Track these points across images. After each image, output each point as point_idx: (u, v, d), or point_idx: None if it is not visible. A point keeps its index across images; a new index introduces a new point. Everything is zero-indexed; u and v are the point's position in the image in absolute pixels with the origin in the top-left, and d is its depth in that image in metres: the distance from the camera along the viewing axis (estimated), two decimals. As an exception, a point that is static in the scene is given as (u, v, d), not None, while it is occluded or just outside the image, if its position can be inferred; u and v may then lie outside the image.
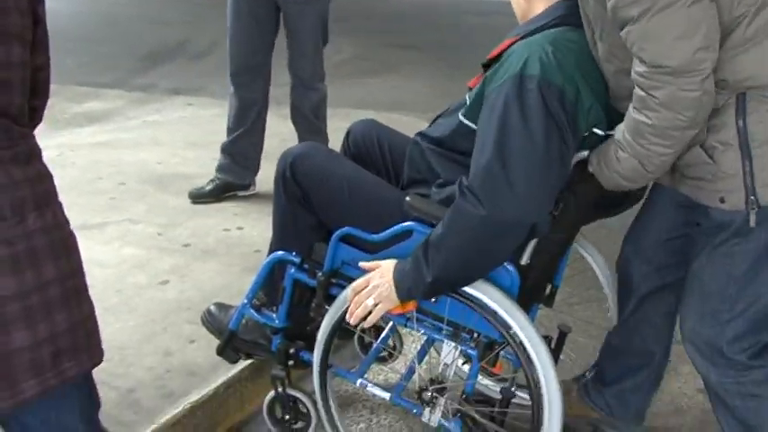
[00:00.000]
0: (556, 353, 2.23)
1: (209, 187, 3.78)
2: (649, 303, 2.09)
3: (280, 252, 2.08)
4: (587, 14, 1.69)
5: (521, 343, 1.77)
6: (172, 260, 3.17)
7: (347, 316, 1.86)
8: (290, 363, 2.14)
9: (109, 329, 2.56)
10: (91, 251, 3.16)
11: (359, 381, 2.05)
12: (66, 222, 1.39)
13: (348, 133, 2.30)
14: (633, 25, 1.50)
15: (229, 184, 3.78)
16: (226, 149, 3.79)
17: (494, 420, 1.95)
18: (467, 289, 1.78)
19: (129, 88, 6.52)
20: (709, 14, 1.50)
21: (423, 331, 1.97)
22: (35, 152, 1.33)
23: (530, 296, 2.00)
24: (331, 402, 2.07)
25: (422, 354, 2.17)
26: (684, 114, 1.53)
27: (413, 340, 2.64)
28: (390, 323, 2.28)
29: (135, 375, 2.41)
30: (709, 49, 1.50)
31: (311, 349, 2.04)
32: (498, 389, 2.27)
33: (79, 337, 1.36)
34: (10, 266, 1.24)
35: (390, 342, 2.53)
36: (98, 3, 11.71)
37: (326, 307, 1.98)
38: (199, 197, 3.76)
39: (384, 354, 2.54)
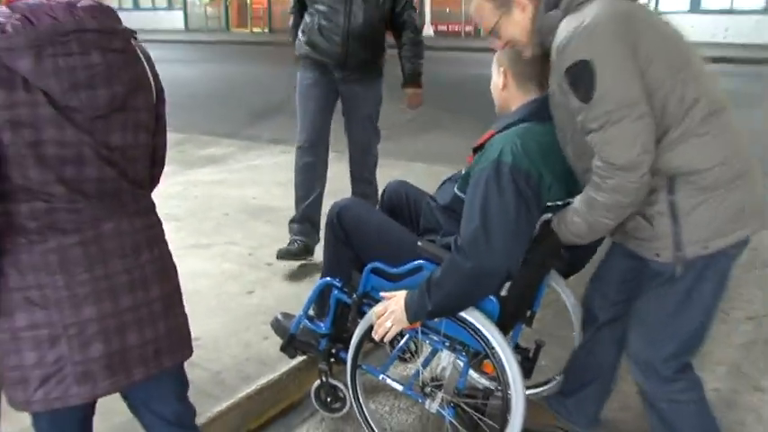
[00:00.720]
0: (533, 360, 2.28)
1: (293, 248, 3.43)
2: (604, 331, 2.12)
3: (327, 278, 2.22)
4: (558, 123, 1.78)
5: (497, 355, 1.88)
6: (257, 275, 3.34)
7: (372, 333, 1.98)
8: (332, 360, 2.27)
9: (207, 325, 2.75)
10: (199, 265, 3.38)
11: (381, 376, 2.17)
12: (170, 256, 1.50)
13: (384, 191, 2.44)
14: (594, 134, 1.61)
15: (309, 247, 3.47)
16: (296, 220, 3.52)
17: (477, 410, 2.05)
18: (460, 313, 1.89)
19: (240, 138, 6.74)
20: (648, 129, 1.58)
21: (428, 342, 2.09)
22: (151, 207, 1.47)
23: (512, 318, 2.09)
24: (359, 392, 2.18)
25: (427, 359, 2.28)
26: (626, 198, 1.63)
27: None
28: (406, 336, 2.39)
29: (222, 361, 2.57)
30: (647, 153, 1.59)
31: (347, 350, 2.17)
32: (489, 384, 2.35)
33: (174, 339, 1.47)
34: (128, 288, 1.37)
35: (413, 347, 2.64)
36: (221, 69, 12.16)
37: (359, 320, 2.11)
38: (285, 257, 3.42)
39: (407, 356, 2.66)
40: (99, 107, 1.27)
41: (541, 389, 2.44)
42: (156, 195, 1.53)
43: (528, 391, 2.43)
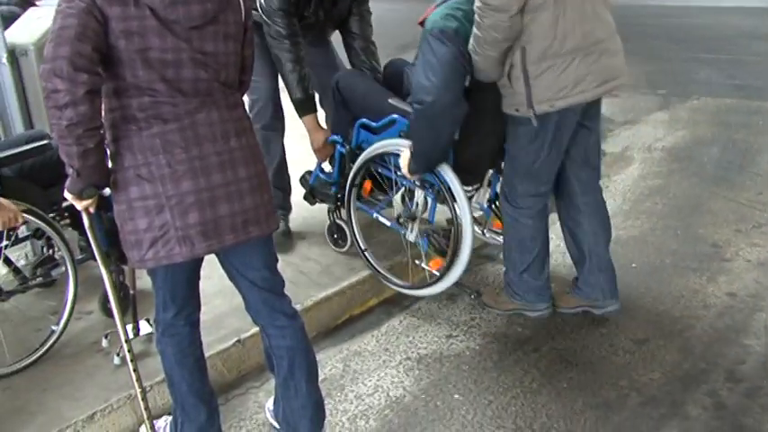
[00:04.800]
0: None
1: None
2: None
3: (333, 136, 2.63)
4: None
5: (449, 188, 2.21)
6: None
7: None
8: (339, 203, 2.67)
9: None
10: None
11: (375, 214, 2.56)
12: (257, 145, 1.66)
13: (386, 66, 2.74)
14: None
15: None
16: None
17: (445, 236, 2.35)
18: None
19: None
20: None
21: (405, 184, 2.41)
22: (239, 103, 1.65)
23: (475, 164, 2.40)
24: (354, 223, 2.58)
25: (405, 198, 2.50)
26: (499, 34, 1.97)
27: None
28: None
29: (333, 255, 2.81)
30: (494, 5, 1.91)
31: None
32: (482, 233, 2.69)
33: (260, 213, 1.62)
34: (219, 168, 1.54)
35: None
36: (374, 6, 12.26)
37: (351, 166, 2.52)
38: None
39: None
40: (194, 19, 1.48)
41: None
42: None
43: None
